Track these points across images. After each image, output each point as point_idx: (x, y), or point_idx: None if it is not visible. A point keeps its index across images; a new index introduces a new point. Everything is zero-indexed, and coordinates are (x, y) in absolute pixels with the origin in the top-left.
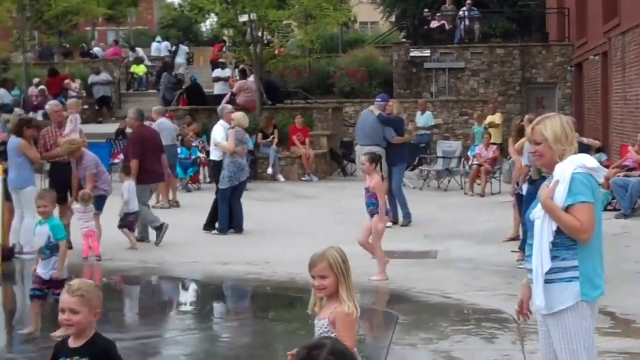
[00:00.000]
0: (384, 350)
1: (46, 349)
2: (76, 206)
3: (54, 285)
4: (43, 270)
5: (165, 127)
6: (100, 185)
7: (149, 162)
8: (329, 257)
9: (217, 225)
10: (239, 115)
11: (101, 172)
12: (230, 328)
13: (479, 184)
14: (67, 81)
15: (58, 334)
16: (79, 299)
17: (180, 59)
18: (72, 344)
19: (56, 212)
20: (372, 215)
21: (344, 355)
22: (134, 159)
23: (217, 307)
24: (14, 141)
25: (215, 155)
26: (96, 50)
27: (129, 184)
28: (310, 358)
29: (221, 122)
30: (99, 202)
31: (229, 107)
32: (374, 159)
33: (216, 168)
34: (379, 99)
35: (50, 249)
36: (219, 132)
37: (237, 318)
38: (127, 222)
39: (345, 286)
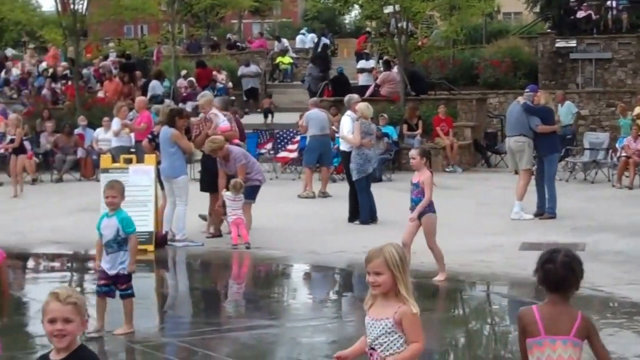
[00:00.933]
0: None
1: (202, 332)
2: (226, 193)
3: (120, 280)
4: (108, 265)
5: (313, 116)
6: (254, 175)
7: None
8: (385, 253)
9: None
10: (362, 106)
11: (252, 162)
12: None
13: (627, 176)
14: (214, 73)
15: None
16: (72, 307)
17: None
18: (55, 356)
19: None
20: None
21: (575, 258)
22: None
23: (366, 296)
24: (166, 131)
25: (345, 146)
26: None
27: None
28: (551, 258)
29: (348, 112)
30: (252, 192)
31: (355, 96)
32: (424, 153)
33: (346, 159)
34: (528, 89)
35: (118, 243)
36: (347, 123)
37: None
38: None
39: (403, 284)
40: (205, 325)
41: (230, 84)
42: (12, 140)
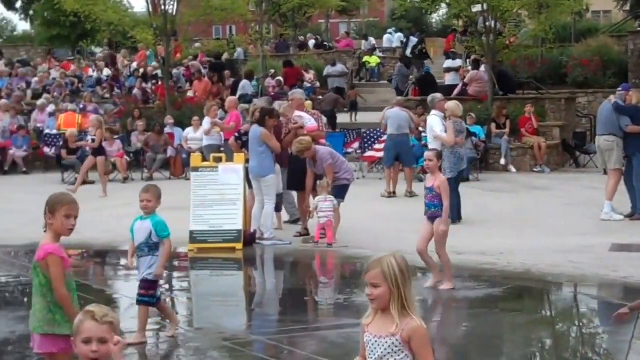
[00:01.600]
0: (625, 345)
1: (290, 330)
2: (318, 198)
3: (143, 285)
4: (138, 270)
5: (391, 115)
6: (342, 174)
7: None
8: (383, 264)
9: None
10: (452, 105)
11: (340, 161)
12: (465, 317)
13: None
14: (302, 72)
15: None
16: (108, 326)
17: (409, 50)
18: None
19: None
20: (432, 218)
21: None
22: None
23: (453, 296)
24: (255, 130)
25: (434, 145)
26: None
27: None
28: None
29: (434, 112)
30: (341, 191)
31: (439, 96)
32: (440, 156)
33: None
34: (620, 88)
35: (149, 247)
36: (437, 122)
37: (472, 307)
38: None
39: (397, 299)
40: (293, 324)
41: (317, 84)
42: (93, 140)
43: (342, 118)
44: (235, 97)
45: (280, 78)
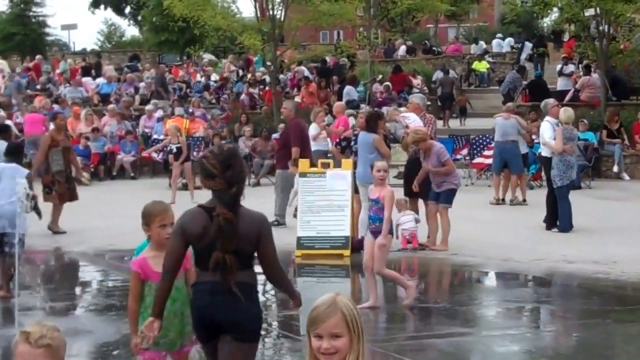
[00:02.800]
0: None
1: (398, 338)
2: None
3: None
4: None
5: (498, 122)
6: (450, 178)
7: (306, 151)
8: (342, 308)
9: (557, 223)
10: (565, 111)
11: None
12: (576, 327)
13: None
14: (409, 77)
15: None
16: (44, 350)
17: (523, 55)
18: None
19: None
20: (374, 232)
21: None
22: (295, 146)
23: (565, 305)
24: (366, 136)
25: (545, 152)
26: None
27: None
28: None
29: (547, 118)
30: (449, 196)
31: (552, 101)
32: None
33: (546, 165)
34: None
35: None
36: (547, 129)
37: (583, 317)
38: None
39: (356, 352)
40: (401, 331)
41: (425, 89)
42: (178, 149)
43: (451, 123)
44: (342, 102)
45: (388, 83)
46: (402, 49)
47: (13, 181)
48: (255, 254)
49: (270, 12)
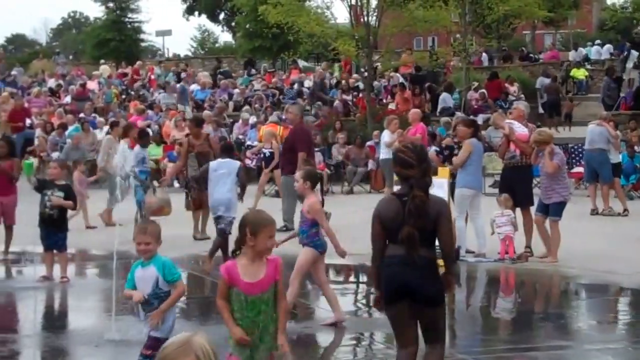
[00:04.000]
0: None
1: (497, 350)
2: (496, 212)
3: (151, 345)
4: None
5: (588, 130)
6: (560, 190)
7: (309, 156)
8: (197, 350)
9: None
10: None
11: (561, 175)
12: None
13: None
14: (505, 85)
15: None
16: None
17: (630, 64)
18: None
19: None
20: (303, 245)
21: None
22: (302, 151)
23: None
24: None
25: None
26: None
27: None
28: None
29: None
30: (558, 208)
31: None
32: (308, 176)
33: None
34: None
35: (160, 298)
36: None
37: None
38: None
39: None
40: (500, 343)
41: (522, 96)
42: (270, 154)
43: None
44: (418, 110)
45: (484, 91)
46: (485, 58)
47: (231, 174)
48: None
49: (365, 19)
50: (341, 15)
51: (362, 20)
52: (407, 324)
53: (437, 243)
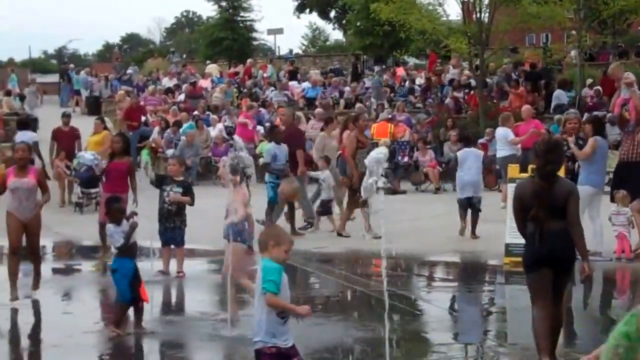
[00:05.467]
0: None
1: None
2: (612, 209)
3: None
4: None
5: None
6: None
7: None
8: None
9: None
10: None
11: None
12: None
13: None
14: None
15: None
16: None
17: None
18: None
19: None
20: (232, 241)
21: None
22: (299, 150)
23: None
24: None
25: None
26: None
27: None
28: None
29: None
30: None
31: None
32: (237, 170)
33: None
34: None
35: None
36: None
37: None
38: (327, 207)
39: None
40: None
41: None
42: None
43: None
44: (530, 107)
45: (599, 87)
46: (573, 53)
47: (478, 160)
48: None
49: (477, 15)
50: (453, 12)
51: (474, 16)
52: (545, 287)
53: None
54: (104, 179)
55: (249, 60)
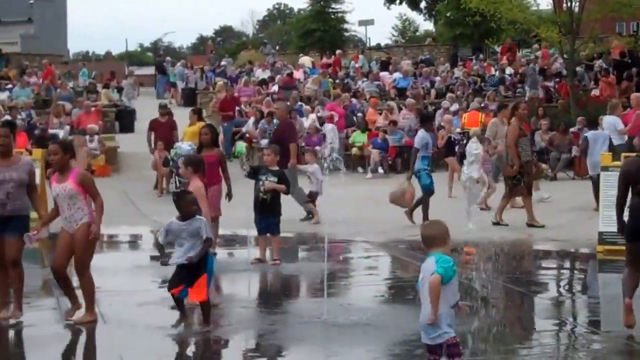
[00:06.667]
0: None
1: None
2: None
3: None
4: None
5: None
6: None
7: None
8: None
9: None
10: None
11: None
12: None
13: None
14: None
15: None
16: None
17: None
18: None
19: None
20: None
21: None
22: (292, 142)
23: None
24: None
25: None
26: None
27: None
28: None
29: None
30: None
31: None
32: (190, 162)
33: None
34: None
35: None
36: None
37: None
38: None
39: None
40: None
41: None
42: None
43: None
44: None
45: None
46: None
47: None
48: None
49: (568, 4)
50: (543, 1)
51: (565, 6)
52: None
53: None
54: None
55: (338, 52)
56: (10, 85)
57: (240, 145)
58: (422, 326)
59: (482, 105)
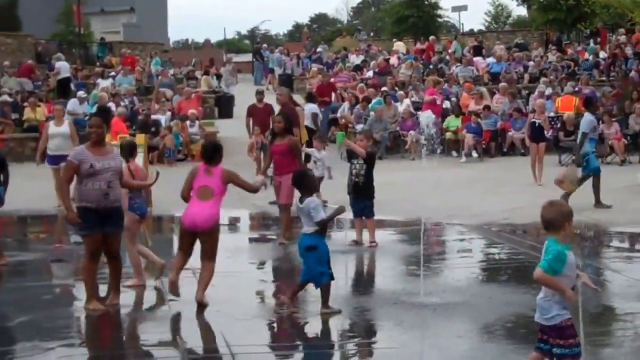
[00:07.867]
0: None
1: None
2: None
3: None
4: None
5: None
6: None
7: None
8: None
9: None
10: None
11: None
12: None
13: None
14: None
15: None
16: None
17: None
18: None
19: None
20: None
21: None
22: (297, 127)
23: None
24: None
25: None
26: None
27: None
28: None
29: None
30: None
31: None
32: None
33: None
34: None
35: None
36: None
37: None
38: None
39: None
40: None
41: None
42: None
43: None
44: None
45: None
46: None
47: None
48: None
49: None
50: None
51: None
52: None
53: None
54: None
55: (431, 37)
56: (113, 73)
57: (340, 135)
58: (538, 305)
59: (576, 89)
